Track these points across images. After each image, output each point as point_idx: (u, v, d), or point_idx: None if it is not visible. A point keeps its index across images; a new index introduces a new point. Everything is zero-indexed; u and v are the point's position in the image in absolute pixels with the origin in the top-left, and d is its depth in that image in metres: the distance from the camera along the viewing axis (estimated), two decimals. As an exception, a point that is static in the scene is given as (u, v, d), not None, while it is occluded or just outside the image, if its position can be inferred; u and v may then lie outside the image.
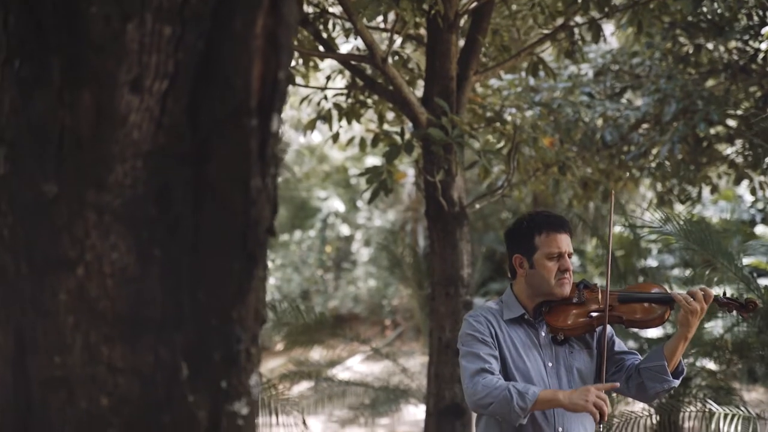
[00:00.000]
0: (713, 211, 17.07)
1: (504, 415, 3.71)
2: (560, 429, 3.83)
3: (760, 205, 17.04)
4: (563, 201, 11.09)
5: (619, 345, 4.08)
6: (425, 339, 12.54)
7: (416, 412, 12.39)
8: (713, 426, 5.64)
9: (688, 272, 13.80)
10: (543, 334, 3.94)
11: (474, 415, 5.83)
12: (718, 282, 6.30)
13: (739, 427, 5.53)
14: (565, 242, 3.93)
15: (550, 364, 3.89)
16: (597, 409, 3.65)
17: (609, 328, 3.98)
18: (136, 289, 1.78)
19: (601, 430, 3.79)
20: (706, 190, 10.95)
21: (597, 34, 7.56)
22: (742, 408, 5.81)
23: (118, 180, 1.77)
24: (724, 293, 4.03)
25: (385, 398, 10.76)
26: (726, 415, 5.61)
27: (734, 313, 4.06)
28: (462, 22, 6.93)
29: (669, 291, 4.03)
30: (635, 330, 9.91)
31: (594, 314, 3.92)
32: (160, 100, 1.77)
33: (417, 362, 13.50)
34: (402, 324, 20.36)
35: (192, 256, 1.79)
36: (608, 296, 3.90)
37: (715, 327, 8.26)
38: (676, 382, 3.95)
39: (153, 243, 1.78)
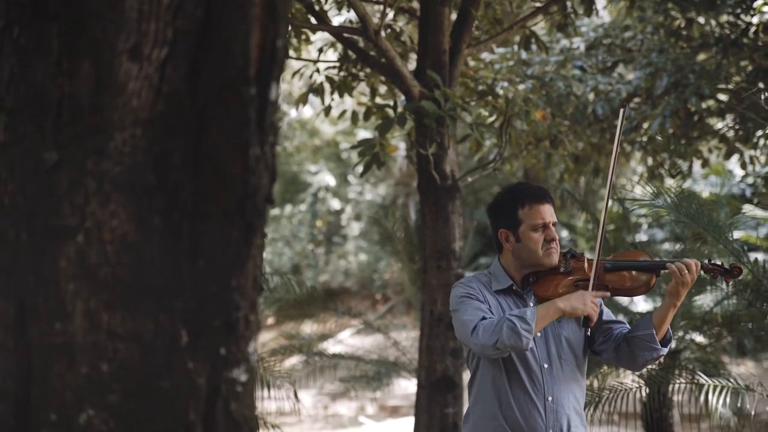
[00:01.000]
0: (703, 186, 17.11)
1: (514, 346, 3.70)
2: (550, 398, 3.86)
3: (749, 180, 17.08)
4: (554, 175, 11.12)
5: (608, 314, 4.10)
6: (416, 312, 12.58)
7: (407, 385, 12.45)
8: (702, 398, 5.68)
9: (678, 246, 13.85)
10: (531, 304, 3.96)
11: (465, 388, 5.87)
12: (709, 255, 6.33)
13: (728, 400, 5.57)
14: (548, 212, 3.95)
15: (539, 334, 3.91)
16: (593, 313, 3.75)
17: None
18: (136, 257, 1.79)
19: (588, 333, 3.88)
20: (696, 164, 10.99)
21: (589, 8, 7.57)
22: (731, 380, 5.84)
23: (118, 148, 1.77)
24: (710, 260, 4.06)
25: (376, 371, 10.80)
26: (715, 387, 5.65)
27: (720, 278, 4.08)
28: (454, -6, 6.93)
29: (658, 259, 4.05)
30: (624, 304, 9.95)
31: (580, 283, 3.94)
32: (159, 68, 1.78)
33: (408, 335, 13.55)
34: (392, 298, 20.42)
35: (191, 223, 1.80)
36: (597, 264, 3.93)
37: (705, 300, 8.29)
38: (665, 350, 3.98)
39: (152, 210, 1.79)
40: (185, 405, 1.82)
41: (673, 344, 7.81)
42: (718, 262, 4.05)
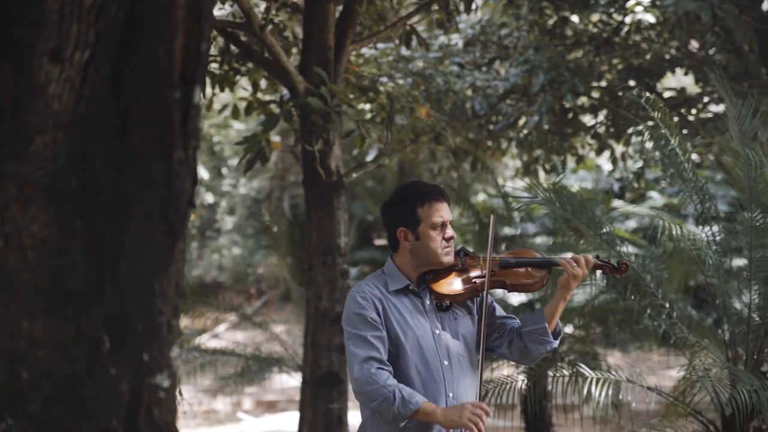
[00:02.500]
0: (573, 180, 17.49)
1: (382, 415, 3.76)
2: (450, 394, 3.89)
3: (617, 175, 17.54)
4: (432, 170, 11.22)
5: (499, 311, 4.15)
6: (293, 306, 12.54)
7: (284, 380, 12.41)
8: (585, 390, 5.79)
9: (551, 240, 14.15)
10: (428, 302, 3.98)
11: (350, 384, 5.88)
12: (589, 249, 6.45)
13: (611, 392, 5.70)
14: (446, 210, 3.97)
15: (437, 331, 3.94)
16: (473, 425, 3.74)
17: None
18: (57, 261, 1.76)
19: None
20: (570, 160, 11.23)
21: (469, 5, 7.64)
22: (613, 373, 5.97)
23: (39, 151, 1.74)
24: (598, 256, 4.17)
25: (253, 367, 10.72)
26: (599, 380, 5.76)
27: (607, 273, 4.20)
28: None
29: (550, 257, 4.15)
30: (498, 295, 10.10)
31: (477, 280, 3.99)
32: (81, 70, 1.75)
33: (285, 330, 13.52)
34: (267, 292, 20.33)
35: (114, 227, 1.78)
36: (490, 261, 3.98)
37: (581, 295, 8.46)
38: (556, 343, 4.06)
39: (74, 215, 1.76)
40: (107, 412, 1.80)
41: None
42: (607, 259, 4.16)
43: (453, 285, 3.97)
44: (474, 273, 4.02)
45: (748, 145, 5.43)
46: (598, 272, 5.60)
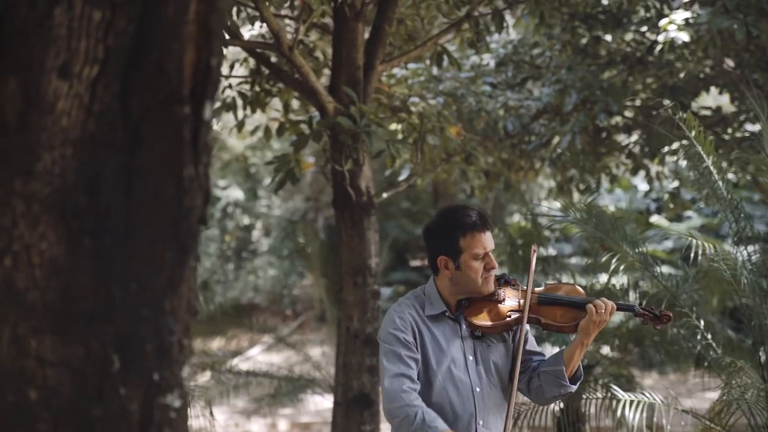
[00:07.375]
0: (609, 200, 17.37)
1: None
2: (481, 422, 3.85)
3: (654, 195, 17.41)
4: (465, 190, 11.17)
5: (532, 343, 4.08)
6: (328, 328, 12.53)
7: (319, 402, 12.39)
8: (619, 413, 5.71)
9: (586, 261, 14.04)
10: (463, 326, 3.94)
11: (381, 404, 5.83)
12: (624, 270, 6.36)
13: (644, 414, 5.60)
14: (489, 240, 3.90)
15: (470, 358, 3.90)
16: None
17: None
18: (66, 280, 1.73)
19: None
20: (605, 180, 11.15)
21: (500, 24, 7.62)
22: (647, 395, 5.88)
23: (47, 168, 1.72)
24: (641, 303, 4.08)
25: (287, 388, 10.71)
26: (632, 402, 5.68)
27: (648, 323, 4.08)
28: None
29: (585, 297, 3.99)
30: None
31: (512, 314, 3.92)
32: (89, 86, 1.73)
33: (320, 351, 13.49)
34: (303, 313, 20.32)
35: (123, 245, 1.75)
36: (529, 297, 3.91)
37: (617, 315, 8.39)
38: (573, 388, 3.96)
39: (83, 233, 1.73)
40: (117, 432, 1.77)
41: (585, 360, 7.88)
42: (649, 308, 4.06)
43: (487, 317, 3.91)
44: (511, 304, 3.95)
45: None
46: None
